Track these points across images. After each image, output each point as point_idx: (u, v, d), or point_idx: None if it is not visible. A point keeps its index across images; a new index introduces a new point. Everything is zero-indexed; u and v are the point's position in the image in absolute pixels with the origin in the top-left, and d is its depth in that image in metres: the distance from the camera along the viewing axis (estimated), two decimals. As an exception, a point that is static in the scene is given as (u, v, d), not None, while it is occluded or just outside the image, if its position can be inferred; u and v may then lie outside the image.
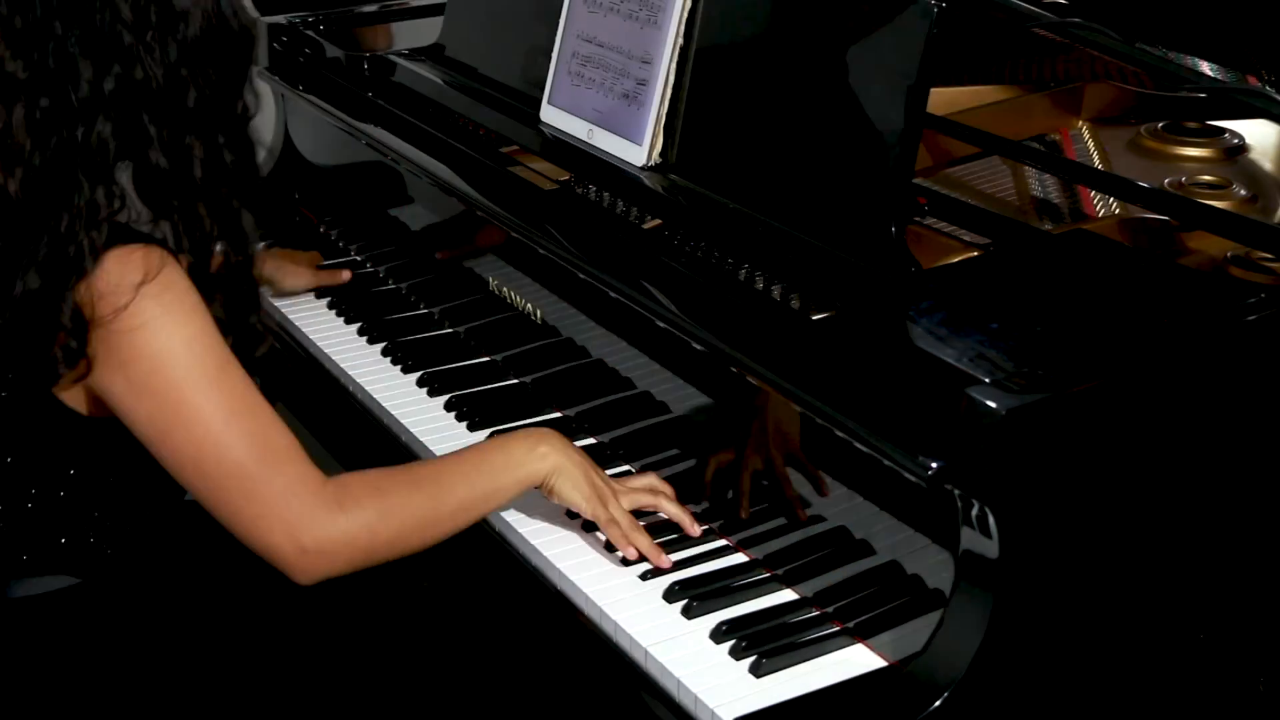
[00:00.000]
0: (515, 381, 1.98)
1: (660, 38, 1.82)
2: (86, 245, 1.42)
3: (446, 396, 1.94)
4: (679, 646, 1.48)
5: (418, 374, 2.00)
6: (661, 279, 1.67)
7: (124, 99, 1.43)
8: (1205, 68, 1.87)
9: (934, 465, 1.33)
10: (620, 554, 1.61)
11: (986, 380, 1.33)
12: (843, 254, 1.59)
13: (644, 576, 1.58)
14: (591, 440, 1.83)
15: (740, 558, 1.61)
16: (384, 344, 2.09)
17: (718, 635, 1.48)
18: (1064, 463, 1.36)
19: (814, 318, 1.52)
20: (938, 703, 1.32)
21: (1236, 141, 1.97)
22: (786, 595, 1.55)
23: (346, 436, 2.04)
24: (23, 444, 1.54)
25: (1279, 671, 1.56)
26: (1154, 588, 1.47)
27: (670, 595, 1.54)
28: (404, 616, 1.78)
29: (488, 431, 1.85)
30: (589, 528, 1.66)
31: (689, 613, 1.52)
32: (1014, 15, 1.95)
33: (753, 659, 1.45)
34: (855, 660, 1.46)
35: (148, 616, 1.62)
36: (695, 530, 1.63)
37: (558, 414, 1.89)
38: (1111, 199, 1.80)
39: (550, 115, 1.99)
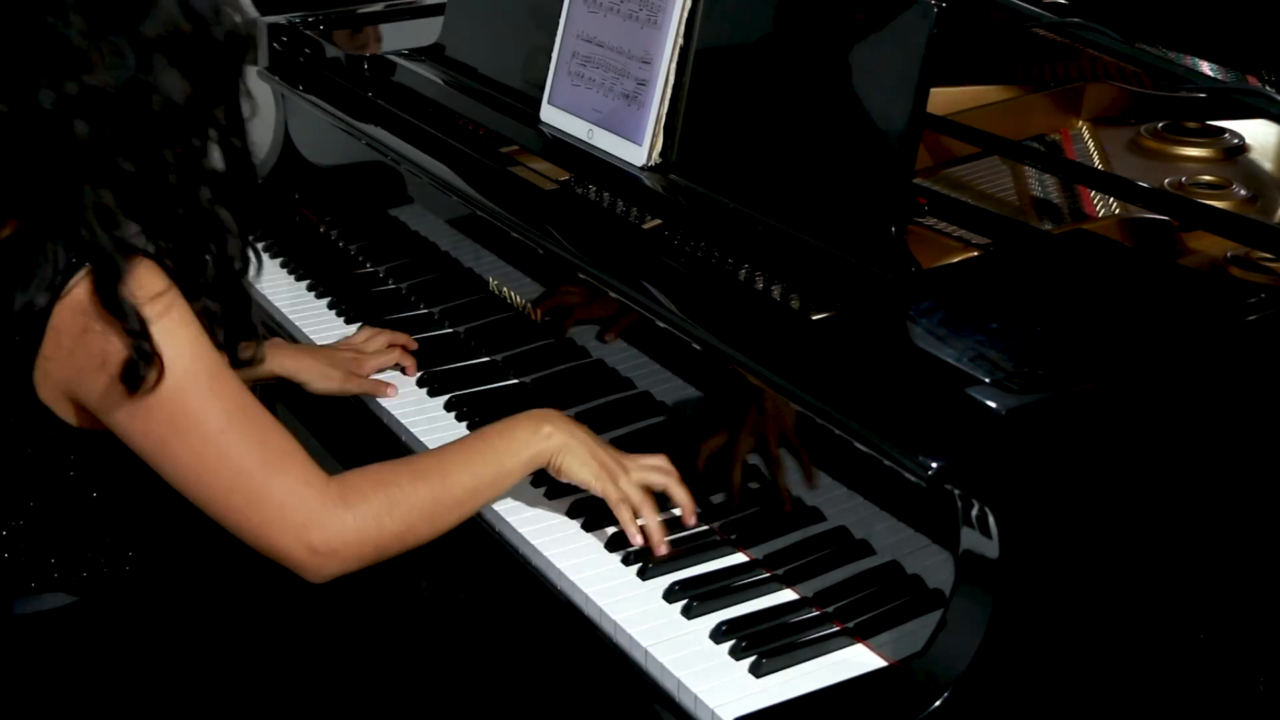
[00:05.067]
0: (515, 381, 1.98)
1: (660, 38, 1.82)
2: (110, 245, 1.38)
3: (446, 396, 1.94)
4: (679, 646, 1.48)
5: (418, 374, 2.00)
6: (661, 279, 1.67)
7: (87, 105, 1.38)
8: (1205, 68, 1.87)
9: (934, 465, 1.33)
10: (620, 553, 1.61)
11: (986, 380, 1.34)
12: (843, 254, 1.59)
13: (644, 576, 1.58)
14: (591, 440, 1.83)
15: (740, 558, 1.61)
16: (384, 344, 2.08)
17: (718, 635, 1.48)
18: (1064, 463, 1.36)
19: (814, 318, 1.52)
20: (938, 703, 1.32)
21: (1236, 141, 1.97)
22: (786, 595, 1.55)
23: (346, 436, 2.04)
24: (13, 456, 1.51)
25: (1279, 671, 1.56)
26: (1154, 587, 1.47)
27: (670, 595, 1.54)
28: (403, 616, 1.78)
29: (488, 431, 1.85)
30: (589, 526, 1.66)
31: (689, 613, 1.52)
32: (1014, 15, 1.95)
33: (753, 659, 1.45)
34: (855, 660, 1.46)
35: (146, 633, 1.60)
36: (691, 519, 1.63)
37: (558, 414, 1.89)
38: (1111, 199, 1.80)
39: (550, 115, 1.99)
